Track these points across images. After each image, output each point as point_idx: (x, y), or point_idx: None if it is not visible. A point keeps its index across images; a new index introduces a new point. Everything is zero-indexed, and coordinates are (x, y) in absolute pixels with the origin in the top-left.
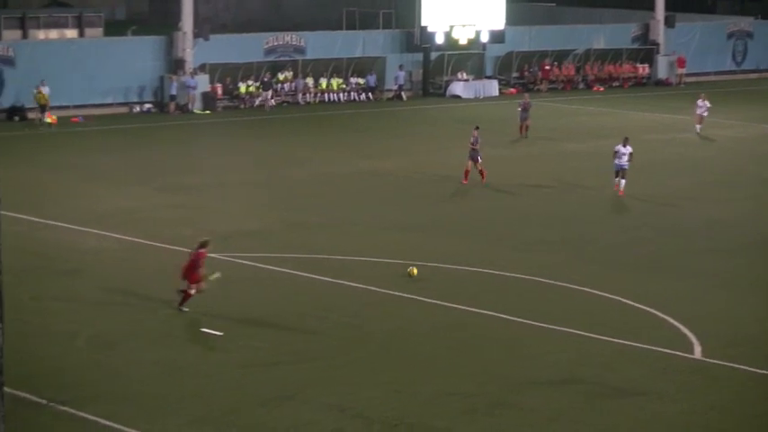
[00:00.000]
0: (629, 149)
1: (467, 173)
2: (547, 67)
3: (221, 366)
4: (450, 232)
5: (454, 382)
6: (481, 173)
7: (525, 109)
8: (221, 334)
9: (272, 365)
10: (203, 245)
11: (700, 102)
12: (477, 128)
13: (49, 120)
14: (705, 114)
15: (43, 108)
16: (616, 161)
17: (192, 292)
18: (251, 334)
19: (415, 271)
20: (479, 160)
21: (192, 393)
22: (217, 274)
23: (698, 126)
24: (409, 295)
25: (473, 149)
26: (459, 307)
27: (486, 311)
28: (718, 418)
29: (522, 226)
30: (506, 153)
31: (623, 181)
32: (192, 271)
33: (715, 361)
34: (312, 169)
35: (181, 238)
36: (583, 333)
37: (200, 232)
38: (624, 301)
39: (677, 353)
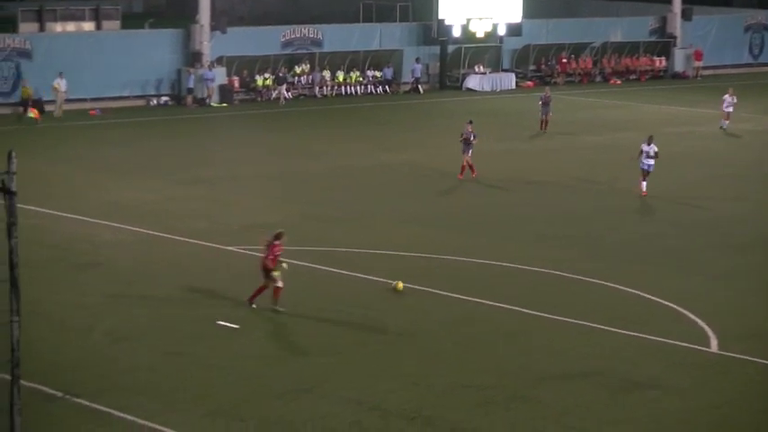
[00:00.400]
0: (653, 148)
1: (463, 168)
2: (564, 60)
3: (237, 359)
4: (466, 226)
5: (470, 374)
6: (471, 167)
7: (546, 103)
8: (238, 327)
9: (288, 358)
10: (278, 236)
11: (727, 97)
12: (471, 122)
13: (31, 114)
14: (730, 110)
15: (27, 102)
16: (643, 161)
17: (280, 284)
18: (268, 327)
19: (401, 285)
20: (469, 154)
21: (208, 385)
22: (284, 265)
23: (725, 122)
24: (426, 288)
25: (466, 143)
26: (475, 300)
27: (501, 304)
28: (734, 413)
29: (539, 220)
30: (524, 147)
31: (644, 183)
32: (272, 264)
33: (732, 354)
34: (328, 162)
35: (196, 230)
36: (598, 326)
37: (216, 225)
38: (641, 294)
39: (694, 346)
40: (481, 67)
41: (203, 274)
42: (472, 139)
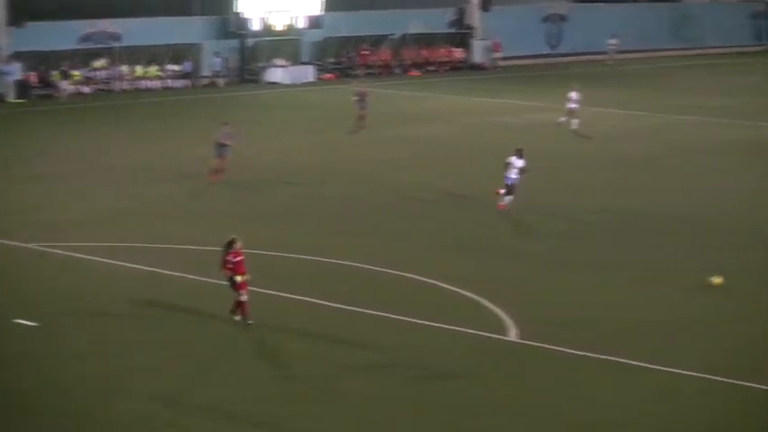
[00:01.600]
0: (521, 162)
1: (216, 171)
2: (364, 53)
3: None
4: (267, 219)
5: (274, 366)
6: (219, 170)
7: (362, 98)
8: (37, 324)
9: (89, 356)
10: (230, 244)
11: (573, 95)
12: (227, 123)
13: None
14: (574, 107)
15: None
16: (507, 174)
17: (244, 298)
18: (68, 323)
19: (718, 280)
20: (226, 157)
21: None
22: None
23: (567, 119)
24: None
25: (222, 145)
26: (279, 294)
27: (304, 298)
28: (536, 401)
29: (341, 212)
30: (326, 139)
31: (508, 198)
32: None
33: (532, 343)
34: (126, 157)
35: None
36: (401, 317)
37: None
38: (442, 285)
39: (496, 336)
40: (281, 61)
41: None
42: (227, 141)
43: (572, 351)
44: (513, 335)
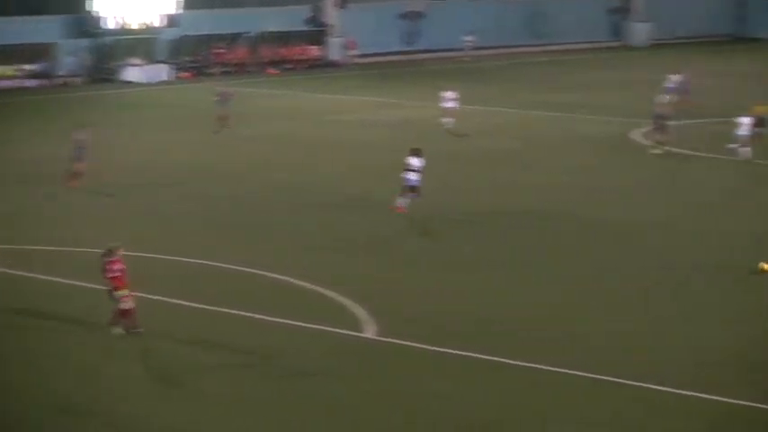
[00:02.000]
0: (419, 162)
1: (74, 175)
2: (219, 51)
3: None
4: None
5: (134, 366)
6: (77, 174)
7: (224, 99)
8: None
9: None
10: (109, 253)
11: (447, 93)
12: (84, 126)
13: None
14: (450, 106)
15: None
16: (406, 176)
17: (127, 306)
18: None
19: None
20: (84, 160)
21: None
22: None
23: (447, 119)
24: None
25: (79, 148)
26: (141, 295)
27: (165, 299)
28: (403, 399)
29: (198, 211)
30: (183, 139)
31: (408, 199)
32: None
33: (391, 340)
34: None
35: None
36: (264, 317)
37: None
38: (309, 285)
39: (355, 333)
40: (137, 60)
41: None
42: (83, 144)
43: (433, 348)
44: (372, 332)
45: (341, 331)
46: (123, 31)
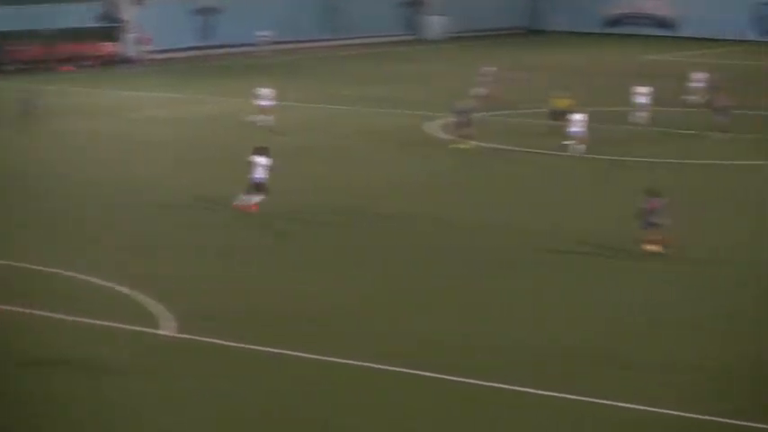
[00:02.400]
0: (266, 160)
1: None
2: (13, 48)
3: None
4: None
5: None
6: None
7: (32, 98)
8: None
9: None
10: None
11: (263, 91)
12: None
13: None
14: (266, 104)
15: None
16: (253, 174)
17: None
18: None
19: None
20: None
21: None
22: None
23: (263, 117)
24: None
25: None
26: None
27: None
28: (202, 397)
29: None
30: None
31: (257, 197)
32: None
33: (192, 336)
34: None
35: None
36: (51, 315)
37: None
38: (96, 280)
39: (153, 330)
40: None
41: None
42: None
43: (232, 344)
44: (172, 329)
45: (140, 329)
46: None
